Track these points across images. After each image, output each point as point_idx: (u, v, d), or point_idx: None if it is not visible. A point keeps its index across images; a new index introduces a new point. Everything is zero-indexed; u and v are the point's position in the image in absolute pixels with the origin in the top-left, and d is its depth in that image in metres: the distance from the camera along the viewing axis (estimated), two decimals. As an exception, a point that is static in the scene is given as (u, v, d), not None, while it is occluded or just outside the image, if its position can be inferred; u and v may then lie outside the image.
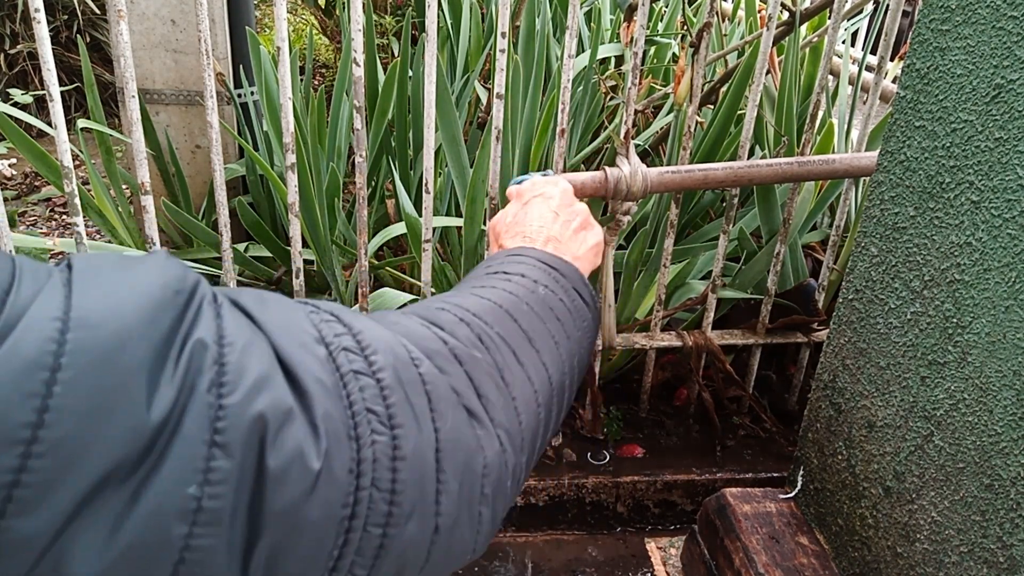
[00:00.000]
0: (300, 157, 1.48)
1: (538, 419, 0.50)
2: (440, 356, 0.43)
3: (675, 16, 2.37)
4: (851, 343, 1.15)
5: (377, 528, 0.36)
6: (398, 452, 0.37)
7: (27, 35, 3.30)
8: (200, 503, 0.29)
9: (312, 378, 0.34)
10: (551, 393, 0.52)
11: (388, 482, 0.36)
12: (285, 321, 0.37)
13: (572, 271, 0.66)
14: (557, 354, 0.54)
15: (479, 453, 0.42)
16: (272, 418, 0.32)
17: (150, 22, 1.91)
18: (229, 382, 0.31)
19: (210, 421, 0.30)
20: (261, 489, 0.31)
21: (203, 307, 0.33)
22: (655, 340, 1.57)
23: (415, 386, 0.40)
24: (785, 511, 1.31)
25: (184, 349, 0.31)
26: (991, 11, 0.87)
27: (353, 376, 0.36)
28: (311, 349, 0.36)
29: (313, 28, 3.57)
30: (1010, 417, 0.87)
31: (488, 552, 1.53)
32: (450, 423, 0.41)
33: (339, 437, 0.34)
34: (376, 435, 0.36)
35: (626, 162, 1.24)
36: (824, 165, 1.32)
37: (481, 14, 2.30)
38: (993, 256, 0.88)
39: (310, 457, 0.33)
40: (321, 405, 0.34)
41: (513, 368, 0.48)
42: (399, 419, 0.37)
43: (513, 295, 0.55)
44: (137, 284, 0.31)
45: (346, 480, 0.34)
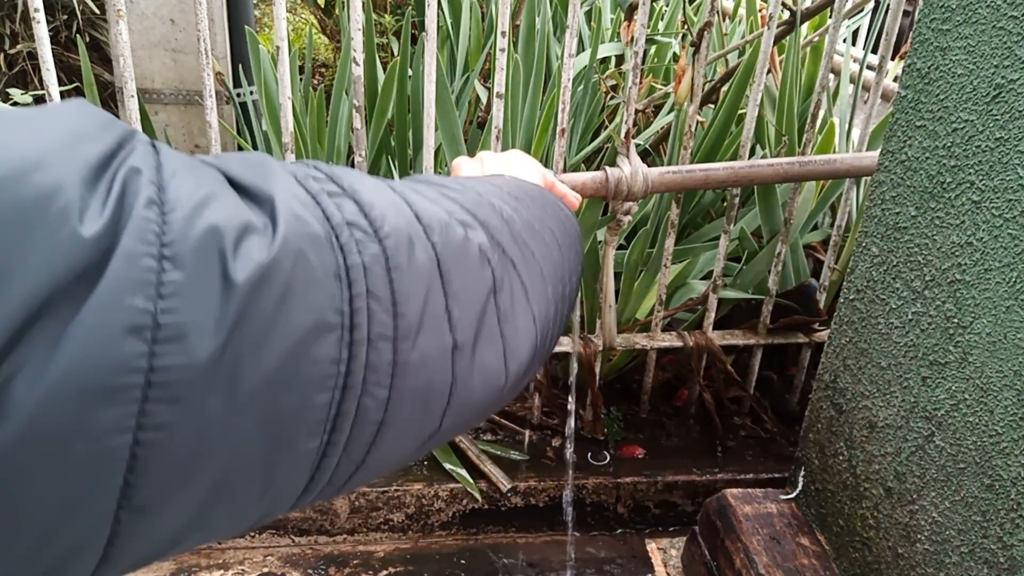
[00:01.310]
0: (300, 157, 1.48)
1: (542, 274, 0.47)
2: (425, 183, 0.42)
3: (676, 15, 2.37)
4: (852, 343, 1.15)
5: (385, 342, 0.33)
6: (391, 263, 0.34)
7: (27, 35, 3.30)
8: (156, 319, 0.27)
9: (282, 193, 0.32)
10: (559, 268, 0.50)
11: (387, 291, 0.34)
12: (240, 154, 0.34)
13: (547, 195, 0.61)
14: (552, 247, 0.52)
15: (485, 268, 0.40)
16: (227, 229, 0.29)
17: (149, 22, 1.91)
18: (170, 200, 0.29)
19: (154, 235, 0.28)
20: (228, 303, 0.28)
21: (137, 145, 0.31)
22: (656, 340, 1.57)
23: (399, 207, 0.37)
24: (786, 512, 1.31)
25: (117, 174, 0.28)
26: (991, 11, 0.86)
27: (327, 195, 0.34)
28: (278, 174, 0.33)
29: (313, 27, 3.57)
30: (1011, 417, 0.86)
31: (487, 552, 1.53)
32: (447, 237, 0.38)
33: (320, 244, 0.32)
34: (361, 245, 0.33)
35: (627, 162, 1.24)
36: (825, 165, 1.32)
37: (481, 13, 2.30)
38: (994, 256, 0.88)
39: (281, 268, 0.30)
40: (289, 221, 0.31)
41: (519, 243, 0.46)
42: (386, 230, 0.35)
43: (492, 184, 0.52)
44: (55, 118, 0.29)
45: (333, 284, 0.32)
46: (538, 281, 0.47)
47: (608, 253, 1.37)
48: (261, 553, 1.51)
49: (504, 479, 1.52)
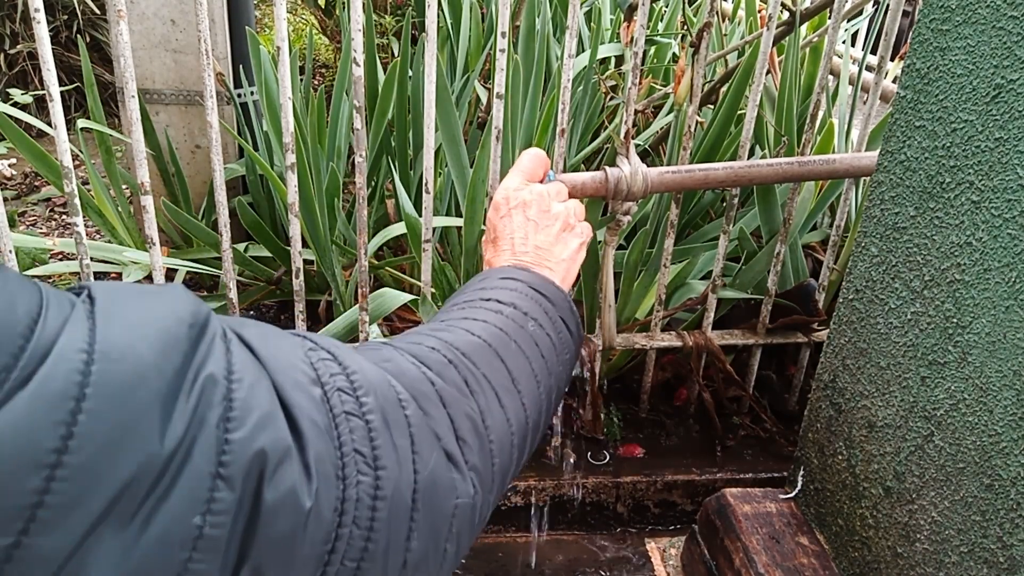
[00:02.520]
0: (300, 157, 1.48)
1: (511, 458, 0.52)
2: (426, 398, 0.46)
3: (675, 16, 2.37)
4: (851, 343, 1.15)
5: (352, 562, 0.38)
6: (379, 492, 0.39)
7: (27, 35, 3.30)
8: (202, 531, 0.31)
9: (308, 420, 0.36)
10: (526, 431, 0.55)
11: (367, 520, 0.38)
12: (285, 360, 0.38)
13: (560, 297, 0.68)
14: (537, 393, 0.57)
15: (452, 495, 0.45)
16: (272, 454, 0.34)
17: (150, 22, 1.91)
18: (236, 418, 0.33)
19: (216, 454, 0.32)
20: (255, 520, 0.33)
21: (215, 341, 0.35)
22: (655, 340, 1.57)
23: (401, 428, 0.42)
24: (785, 511, 1.31)
25: (196, 383, 0.32)
26: (991, 11, 0.87)
27: (345, 418, 0.38)
28: (308, 390, 0.38)
29: (313, 28, 3.57)
30: (1010, 417, 0.87)
31: (487, 552, 1.53)
32: (430, 466, 0.43)
33: (329, 477, 0.36)
34: (361, 475, 0.38)
35: (626, 162, 1.24)
36: (825, 165, 1.32)
37: (481, 14, 2.30)
38: (993, 256, 0.88)
39: (303, 495, 0.35)
40: (314, 446, 0.36)
41: (494, 411, 0.51)
42: (383, 460, 0.40)
43: (502, 332, 0.58)
44: (155, 318, 0.33)
45: (330, 519, 0.36)
46: (499, 483, 0.52)
47: (608, 253, 1.38)
48: (261, 553, 1.51)
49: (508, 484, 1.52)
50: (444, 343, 0.53)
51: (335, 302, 1.77)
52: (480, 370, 0.52)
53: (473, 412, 0.49)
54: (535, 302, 0.64)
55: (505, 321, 0.59)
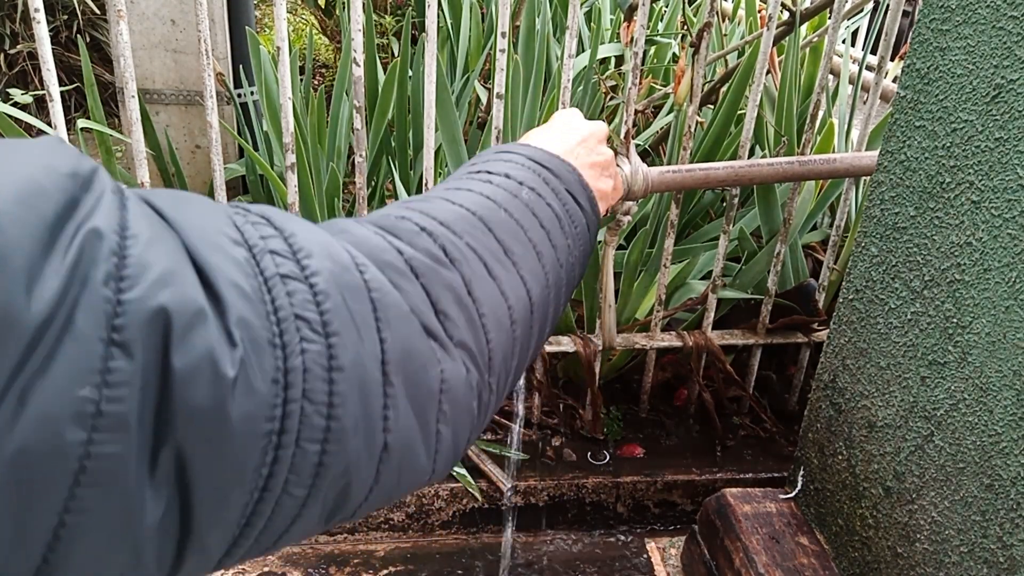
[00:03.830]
0: (300, 157, 1.48)
1: (512, 337, 0.46)
2: (392, 268, 0.39)
3: (675, 16, 2.37)
4: (851, 343, 1.15)
5: (313, 444, 0.32)
6: (334, 362, 0.33)
7: (27, 35, 3.30)
8: (99, 407, 0.27)
9: (226, 281, 0.31)
10: (529, 309, 0.48)
11: (323, 394, 0.33)
12: (201, 220, 0.33)
13: (567, 172, 0.59)
14: (539, 266, 0.50)
15: (435, 367, 0.39)
16: (177, 314, 0.29)
17: (150, 22, 1.91)
18: (130, 276, 0.28)
19: (107, 317, 0.27)
20: (166, 392, 0.28)
21: (103, 196, 0.30)
22: (655, 340, 1.57)
23: (357, 292, 0.36)
24: (785, 511, 1.31)
25: (76, 238, 0.27)
26: (991, 11, 0.87)
27: (280, 279, 0.33)
28: (228, 250, 0.32)
29: (313, 28, 3.57)
30: (1010, 417, 0.87)
31: (487, 551, 1.54)
32: (400, 334, 0.37)
33: (259, 344, 0.31)
34: (306, 343, 0.32)
35: (626, 162, 1.24)
36: (825, 164, 1.32)
37: (481, 14, 2.30)
38: (993, 256, 0.88)
39: (223, 363, 0.29)
40: (236, 310, 0.31)
41: (483, 282, 0.44)
42: (335, 326, 0.34)
43: (490, 199, 0.50)
44: (17, 166, 0.28)
45: (269, 391, 0.31)
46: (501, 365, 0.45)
47: (608, 253, 1.38)
48: (261, 553, 1.51)
49: (504, 478, 1.52)
50: (417, 212, 0.45)
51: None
52: (462, 239, 0.45)
53: (455, 282, 0.42)
54: (533, 172, 0.56)
55: (494, 189, 0.52)
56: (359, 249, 0.38)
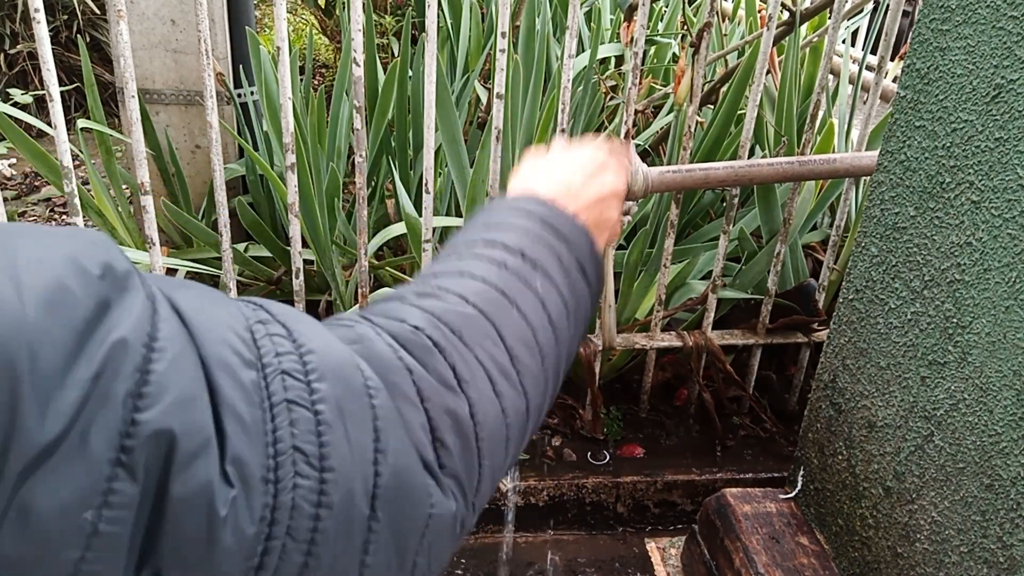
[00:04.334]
0: (300, 157, 1.48)
1: (505, 454, 0.44)
2: (399, 392, 0.38)
3: (675, 16, 2.37)
4: (851, 343, 1.15)
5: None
6: (324, 498, 0.33)
7: (27, 35, 3.30)
8: (97, 527, 0.26)
9: (230, 412, 0.30)
10: (525, 419, 0.46)
11: (307, 532, 0.32)
12: (219, 333, 0.32)
13: (579, 235, 0.55)
14: (541, 370, 0.47)
15: (425, 502, 0.38)
16: (184, 441, 0.28)
17: (150, 22, 1.91)
18: (149, 395, 0.27)
19: (120, 437, 0.26)
20: (161, 516, 0.28)
21: (134, 300, 0.29)
22: (655, 340, 1.57)
23: (362, 421, 0.35)
24: (785, 511, 1.31)
25: (102, 347, 0.27)
26: (991, 11, 0.87)
27: (286, 407, 0.32)
28: (238, 373, 0.31)
29: (313, 28, 3.57)
30: (1010, 417, 0.87)
31: (487, 551, 1.54)
32: (396, 467, 0.36)
33: (252, 483, 0.30)
34: (300, 477, 0.32)
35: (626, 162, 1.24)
36: (825, 164, 1.32)
37: (481, 14, 2.30)
38: (993, 256, 0.88)
39: (218, 500, 0.29)
40: (233, 447, 0.30)
41: (486, 404, 0.42)
42: (332, 460, 0.33)
43: (504, 296, 0.47)
44: (44, 264, 0.26)
45: (255, 530, 0.30)
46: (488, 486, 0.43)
47: (608, 253, 1.38)
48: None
49: (503, 479, 1.52)
50: (431, 319, 0.43)
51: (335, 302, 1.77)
52: (472, 352, 0.43)
53: (459, 408, 0.40)
54: (548, 247, 0.52)
55: (507, 279, 0.49)
56: (371, 365, 0.37)
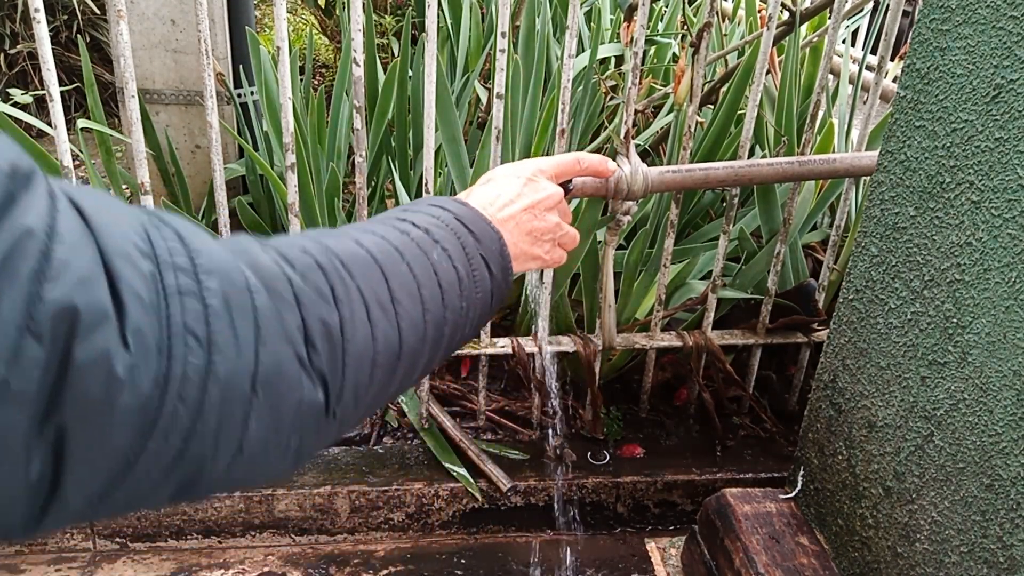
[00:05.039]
0: (300, 157, 1.48)
1: (370, 378, 0.50)
2: (279, 296, 0.44)
3: (675, 16, 2.37)
4: (851, 343, 1.15)
5: (178, 439, 0.37)
6: (211, 374, 0.38)
7: (27, 35, 3.30)
8: (8, 382, 0.30)
9: (130, 291, 0.35)
10: (396, 356, 0.52)
11: (195, 399, 0.37)
12: (119, 230, 0.37)
13: (491, 239, 0.64)
14: (421, 321, 0.54)
15: (298, 390, 0.44)
16: (85, 314, 0.33)
17: (150, 22, 1.91)
18: (52, 276, 0.32)
19: (27, 308, 0.31)
20: (64, 377, 0.32)
21: (38, 196, 0.33)
22: (655, 340, 1.57)
23: (245, 315, 0.40)
24: (785, 511, 1.31)
25: (9, 232, 0.31)
26: (991, 11, 0.87)
27: (179, 296, 0.37)
28: (136, 262, 0.36)
29: (313, 28, 3.57)
30: (1010, 417, 0.87)
31: (487, 551, 1.54)
32: (274, 356, 0.42)
33: (149, 351, 0.35)
34: (191, 355, 0.37)
35: (626, 161, 1.24)
36: (825, 164, 1.32)
37: (481, 14, 2.30)
38: (993, 256, 0.88)
39: (116, 363, 0.34)
40: (134, 319, 0.35)
41: (358, 324, 0.49)
42: (219, 343, 0.38)
43: (396, 251, 0.55)
44: None
45: (151, 392, 0.35)
46: (352, 398, 0.49)
47: (608, 253, 1.38)
48: (262, 552, 1.51)
49: (504, 478, 1.52)
50: (322, 247, 0.50)
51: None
52: (355, 281, 0.50)
53: (331, 319, 0.46)
54: (453, 233, 0.61)
55: (406, 242, 0.57)
56: (255, 273, 0.43)
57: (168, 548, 1.51)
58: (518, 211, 0.73)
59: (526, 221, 0.73)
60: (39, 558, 1.48)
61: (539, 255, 0.76)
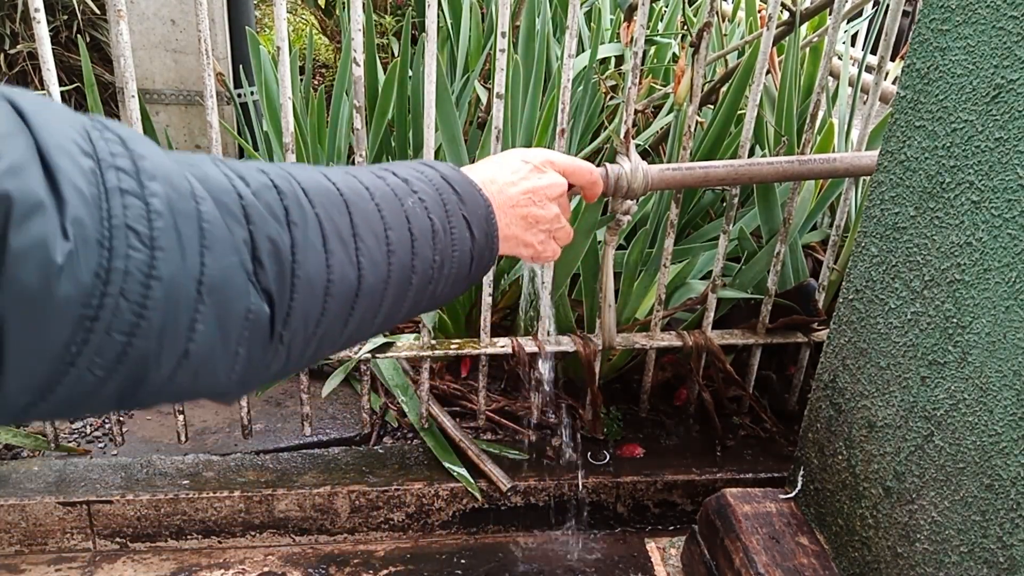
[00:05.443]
0: (300, 157, 1.48)
1: (321, 306, 0.49)
2: (226, 209, 0.43)
3: (675, 16, 2.37)
4: (851, 343, 1.15)
5: (120, 335, 0.37)
6: (154, 271, 0.38)
7: (27, 35, 3.30)
8: None
9: (69, 183, 0.35)
10: (354, 292, 0.51)
11: (139, 296, 0.37)
12: (58, 127, 0.36)
13: (478, 204, 0.63)
14: (384, 262, 0.53)
15: (245, 300, 0.43)
16: (19, 202, 0.33)
17: (150, 22, 1.91)
18: None
19: None
20: (1, 264, 0.32)
21: None
22: (655, 340, 1.57)
23: (189, 219, 0.40)
24: (785, 511, 1.31)
25: None
26: (991, 11, 0.87)
27: (119, 192, 0.37)
28: (76, 157, 0.36)
29: (313, 28, 3.57)
30: (1010, 417, 0.87)
31: (487, 551, 1.54)
32: (221, 263, 0.41)
33: (89, 242, 0.35)
34: (132, 251, 0.37)
35: (627, 159, 1.24)
36: (825, 164, 1.32)
37: (481, 14, 2.30)
38: (993, 256, 0.88)
39: (54, 251, 0.34)
40: (74, 210, 0.35)
41: (312, 251, 0.47)
42: (161, 243, 0.38)
43: (367, 190, 0.54)
44: None
45: (91, 283, 0.35)
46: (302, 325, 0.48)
47: (608, 253, 1.38)
48: (262, 552, 1.51)
49: (504, 478, 1.52)
50: (285, 173, 0.49)
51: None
52: (314, 209, 0.48)
53: (280, 239, 0.45)
54: (435, 188, 0.60)
55: (379, 184, 0.56)
56: (203, 184, 0.42)
57: (168, 548, 1.51)
58: (517, 193, 0.71)
59: (523, 204, 0.72)
60: (39, 558, 1.48)
61: (531, 243, 0.74)
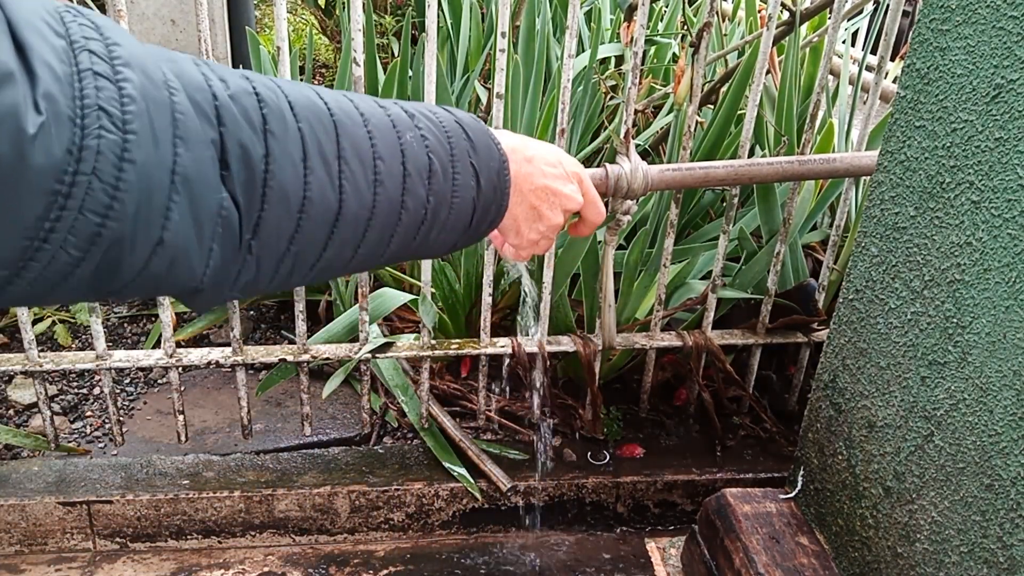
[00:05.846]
0: (300, 157, 1.48)
1: (295, 223, 0.47)
2: (199, 106, 0.42)
3: (675, 16, 2.37)
4: (851, 343, 1.15)
5: (94, 216, 0.37)
6: (127, 154, 0.37)
7: (27, 35, 3.30)
8: None
9: (41, 60, 0.35)
10: (334, 215, 0.49)
11: (112, 177, 0.37)
12: (30, 5, 0.36)
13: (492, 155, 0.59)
14: (369, 190, 0.51)
15: (218, 193, 0.42)
16: None
17: (150, 22, 1.91)
18: None
19: None
20: None
21: None
22: (655, 340, 1.57)
23: (162, 108, 0.39)
24: (785, 511, 1.31)
25: None
26: (991, 11, 0.87)
27: (92, 75, 0.37)
28: (48, 37, 0.36)
29: (313, 28, 3.57)
30: (1010, 417, 0.87)
31: (487, 551, 1.54)
32: (194, 155, 0.41)
33: (61, 118, 0.35)
34: (104, 131, 0.36)
35: (626, 160, 1.24)
36: (825, 164, 1.32)
37: (481, 14, 2.30)
38: (993, 256, 0.88)
39: (25, 121, 0.33)
40: (45, 85, 0.34)
41: (288, 164, 0.46)
42: (134, 127, 0.37)
43: (363, 116, 0.52)
44: None
45: (64, 158, 0.35)
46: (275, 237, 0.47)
47: (608, 253, 1.38)
48: (262, 552, 1.51)
49: (504, 478, 1.52)
50: (272, 85, 0.47)
51: (335, 302, 1.77)
52: (298, 123, 0.47)
53: (253, 147, 0.44)
54: (444, 130, 0.56)
55: (378, 113, 0.53)
56: (178, 78, 0.41)
57: (168, 548, 1.51)
58: (542, 183, 0.68)
59: (540, 197, 0.68)
60: (39, 558, 1.48)
61: (525, 234, 0.70)
